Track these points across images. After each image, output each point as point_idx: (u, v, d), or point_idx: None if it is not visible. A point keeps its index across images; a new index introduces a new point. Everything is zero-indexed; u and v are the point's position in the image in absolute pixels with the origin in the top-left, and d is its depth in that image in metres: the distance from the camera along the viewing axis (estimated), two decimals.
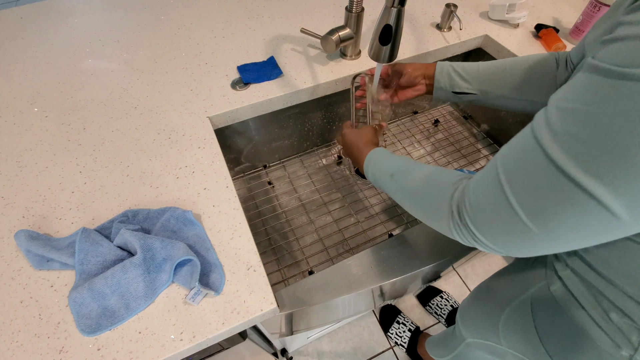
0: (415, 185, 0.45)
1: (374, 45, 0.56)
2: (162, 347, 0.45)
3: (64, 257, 0.50)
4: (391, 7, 0.50)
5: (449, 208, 0.36)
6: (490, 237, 0.32)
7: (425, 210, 0.42)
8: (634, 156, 0.23)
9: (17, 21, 0.93)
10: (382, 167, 0.53)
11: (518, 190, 0.29)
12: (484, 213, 0.32)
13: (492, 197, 0.31)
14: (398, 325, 1.22)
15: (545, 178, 0.27)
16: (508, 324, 0.58)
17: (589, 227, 0.27)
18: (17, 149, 0.65)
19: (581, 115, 0.25)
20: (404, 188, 0.47)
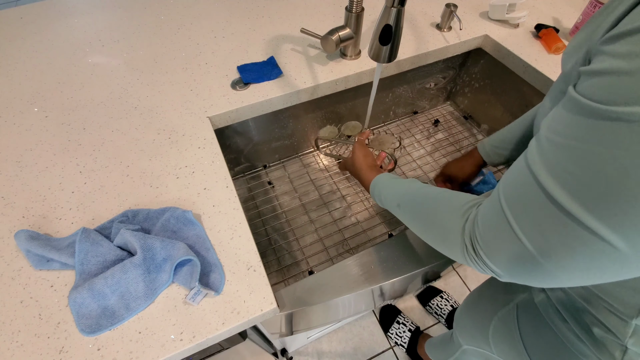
0: (424, 216, 0.43)
1: (374, 45, 0.56)
2: (162, 347, 0.45)
3: (64, 257, 0.50)
4: (391, 7, 0.50)
5: (462, 241, 0.35)
6: (505, 270, 0.32)
7: (438, 242, 0.41)
8: (633, 196, 0.22)
9: (17, 21, 0.93)
10: (387, 195, 0.52)
11: (524, 225, 0.28)
12: (495, 247, 0.31)
13: (501, 231, 0.30)
14: (398, 326, 1.22)
15: (548, 214, 0.26)
16: (496, 333, 0.59)
17: (601, 266, 0.26)
18: (17, 149, 0.65)
19: (574, 152, 0.25)
20: (413, 218, 0.46)
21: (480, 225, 0.33)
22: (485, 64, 0.98)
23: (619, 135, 0.22)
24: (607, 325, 0.39)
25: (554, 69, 0.80)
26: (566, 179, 0.25)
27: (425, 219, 0.43)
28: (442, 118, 1.13)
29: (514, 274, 0.31)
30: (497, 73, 0.95)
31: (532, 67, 0.81)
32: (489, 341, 0.61)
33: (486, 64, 0.98)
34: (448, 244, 0.38)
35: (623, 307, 0.37)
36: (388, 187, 0.53)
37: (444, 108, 1.16)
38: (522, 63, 0.83)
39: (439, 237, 0.40)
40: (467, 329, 0.71)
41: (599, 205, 0.24)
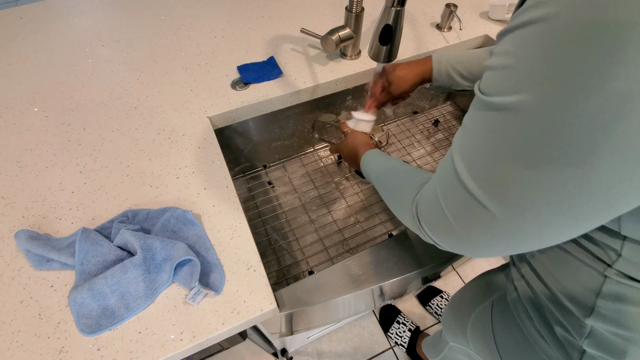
0: (390, 189, 0.47)
1: (374, 45, 0.56)
2: (162, 347, 0.45)
3: (64, 257, 0.50)
4: (391, 7, 0.50)
5: (412, 215, 0.39)
6: (438, 238, 0.36)
7: (398, 214, 0.45)
8: (507, 171, 0.26)
9: (17, 21, 0.93)
10: (371, 168, 0.54)
11: (447, 200, 0.32)
12: (431, 220, 0.36)
13: (434, 206, 0.34)
14: (398, 325, 1.22)
15: (457, 191, 0.30)
16: (473, 330, 0.60)
17: (484, 231, 0.30)
18: (17, 149, 0.65)
19: (471, 136, 0.29)
20: (382, 190, 0.49)
21: (422, 203, 0.37)
22: None
23: (494, 120, 0.26)
24: (566, 325, 0.40)
25: None
26: (468, 159, 0.29)
27: (391, 191, 0.46)
28: (442, 118, 1.13)
29: (442, 240, 0.36)
30: None
31: None
32: (467, 338, 0.62)
33: None
34: (405, 218, 0.42)
35: (578, 306, 0.37)
36: (373, 161, 0.55)
37: (443, 108, 1.16)
38: None
39: (400, 211, 0.44)
40: (451, 327, 0.72)
41: (485, 179, 0.28)
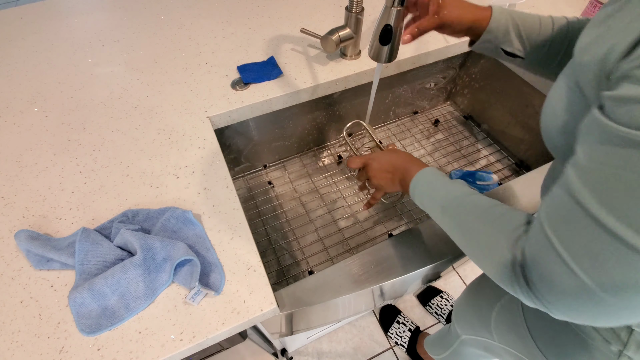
0: (470, 230, 0.39)
1: (374, 45, 0.56)
2: (162, 347, 0.45)
3: (64, 257, 0.50)
4: (391, 7, 0.50)
5: (511, 272, 0.33)
6: (563, 308, 0.29)
7: (484, 264, 0.37)
8: None
9: (17, 21, 0.93)
10: (431, 194, 0.47)
11: (579, 258, 0.26)
12: (549, 283, 0.29)
13: (553, 266, 0.28)
14: (398, 325, 1.22)
15: (604, 245, 0.25)
16: (499, 320, 0.58)
17: None
18: (17, 148, 0.65)
19: (621, 181, 0.24)
20: (457, 228, 0.41)
21: (529, 260, 0.31)
22: (485, 64, 0.98)
23: None
24: None
25: None
26: (619, 208, 0.24)
27: (471, 233, 0.39)
28: (442, 118, 1.13)
29: (573, 311, 0.29)
30: (497, 73, 0.95)
31: None
32: (491, 329, 0.60)
33: (486, 64, 0.98)
34: (495, 270, 0.35)
35: None
36: (433, 185, 0.47)
37: (444, 108, 1.16)
38: None
39: (486, 260, 0.37)
40: (467, 319, 0.70)
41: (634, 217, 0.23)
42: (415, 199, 0.50)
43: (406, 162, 0.53)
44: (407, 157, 0.54)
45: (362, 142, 0.80)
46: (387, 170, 0.55)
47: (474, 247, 0.39)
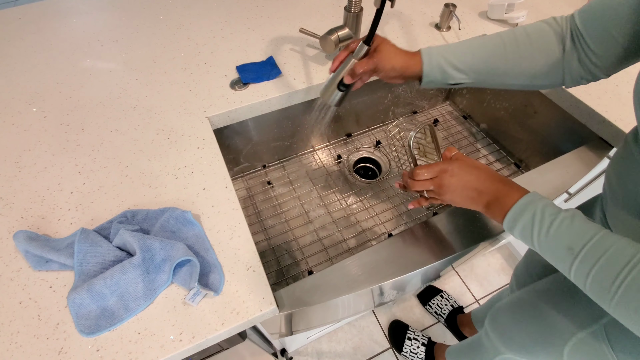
0: (620, 277, 0.33)
1: (333, 92, 0.60)
2: (162, 347, 0.45)
3: (62, 257, 0.50)
4: (356, 60, 0.56)
5: None
6: None
7: None
8: None
9: (16, 21, 0.93)
10: (554, 228, 0.39)
11: None
12: None
13: None
14: (410, 342, 1.19)
15: None
16: (576, 353, 0.53)
17: None
18: (16, 149, 0.65)
19: None
20: (596, 276, 0.35)
21: None
22: None
23: None
24: None
25: None
26: None
27: (623, 289, 0.33)
28: (442, 118, 1.13)
29: None
30: None
31: None
32: (563, 358, 0.55)
33: None
34: None
35: None
36: (552, 214, 0.39)
37: (443, 108, 1.16)
38: None
39: None
40: (522, 342, 0.65)
41: None
42: (515, 231, 0.42)
43: (498, 182, 0.45)
44: (496, 174, 0.47)
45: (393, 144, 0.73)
46: (471, 188, 0.47)
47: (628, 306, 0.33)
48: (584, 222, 0.38)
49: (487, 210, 0.46)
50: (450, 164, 0.49)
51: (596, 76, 0.49)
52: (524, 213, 0.41)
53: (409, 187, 0.53)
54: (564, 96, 0.78)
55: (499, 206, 0.44)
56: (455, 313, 1.24)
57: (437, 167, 0.50)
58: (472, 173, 0.47)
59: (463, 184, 0.47)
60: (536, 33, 0.52)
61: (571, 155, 0.71)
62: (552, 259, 0.40)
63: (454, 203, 0.50)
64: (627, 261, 0.33)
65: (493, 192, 0.45)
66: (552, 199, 0.65)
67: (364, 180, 0.95)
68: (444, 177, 0.49)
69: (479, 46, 0.54)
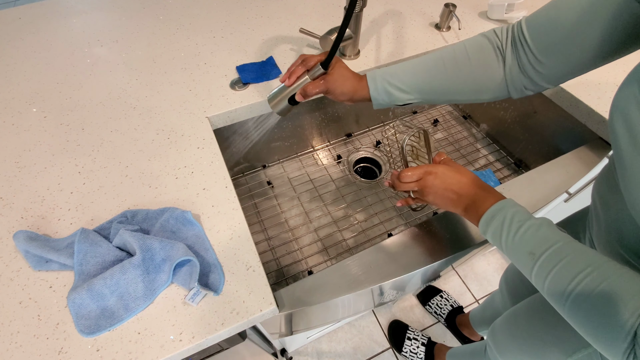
0: (571, 285, 0.35)
1: (284, 105, 0.61)
2: (162, 347, 0.45)
3: (62, 257, 0.50)
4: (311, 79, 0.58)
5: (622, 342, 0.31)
6: None
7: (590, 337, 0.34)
8: None
9: (16, 21, 0.93)
10: (520, 234, 0.41)
11: None
12: None
13: None
14: (410, 342, 1.19)
15: None
16: None
17: None
18: (16, 149, 0.65)
19: None
20: (551, 282, 0.37)
21: None
22: None
23: None
24: None
25: None
26: None
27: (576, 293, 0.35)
28: (442, 118, 1.13)
29: None
30: None
31: None
32: None
33: None
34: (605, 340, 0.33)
35: None
36: (517, 225, 0.41)
37: (443, 108, 1.16)
38: None
39: (599, 330, 0.33)
40: (520, 357, 0.66)
41: None
42: (488, 234, 0.44)
43: (477, 188, 0.47)
44: (478, 180, 0.49)
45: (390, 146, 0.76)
46: (452, 191, 0.49)
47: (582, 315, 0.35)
48: (550, 230, 0.40)
49: (465, 213, 0.48)
50: (436, 167, 0.50)
51: (541, 86, 0.49)
52: (496, 217, 0.43)
53: (396, 187, 0.55)
54: (563, 96, 0.78)
55: (475, 210, 0.46)
56: (455, 313, 1.24)
57: (422, 170, 0.51)
58: (454, 177, 0.49)
59: (445, 186, 0.49)
60: (474, 48, 0.52)
61: (571, 155, 0.71)
62: (517, 263, 0.42)
63: (435, 204, 0.52)
64: (577, 272, 0.35)
65: (472, 196, 0.47)
66: (552, 199, 0.65)
67: (364, 180, 0.95)
68: (427, 178, 0.50)
69: (421, 67, 0.55)
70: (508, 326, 0.70)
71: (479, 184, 0.48)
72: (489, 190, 0.47)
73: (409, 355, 1.18)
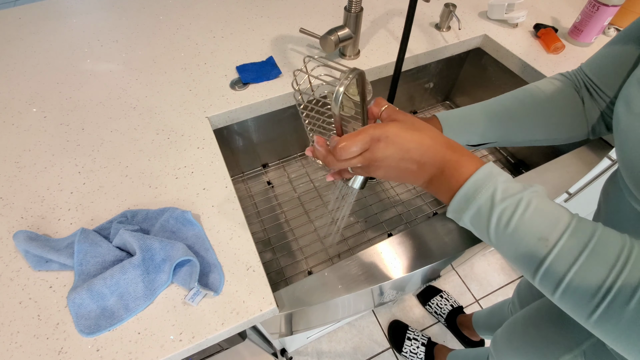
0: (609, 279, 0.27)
1: None
2: (162, 347, 0.45)
3: (62, 257, 0.50)
4: None
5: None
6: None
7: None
8: None
9: (16, 21, 0.93)
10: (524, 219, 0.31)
11: None
12: None
13: None
14: (410, 342, 1.19)
15: None
16: None
17: None
18: (16, 149, 0.65)
19: None
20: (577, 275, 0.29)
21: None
22: (484, 63, 0.98)
23: None
24: None
25: (552, 68, 0.80)
26: None
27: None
28: None
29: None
30: (496, 73, 0.95)
31: (531, 66, 0.81)
32: None
33: (485, 63, 0.98)
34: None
35: None
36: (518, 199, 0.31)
37: (443, 108, 1.16)
38: (521, 63, 0.83)
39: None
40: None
41: None
42: (466, 215, 0.33)
43: (446, 149, 0.34)
44: (443, 138, 0.35)
45: None
46: (411, 160, 0.35)
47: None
48: (554, 205, 0.31)
49: (429, 185, 0.36)
50: (385, 129, 0.35)
51: None
52: (480, 191, 0.32)
53: (328, 164, 0.38)
54: None
55: (445, 181, 0.34)
56: (455, 313, 1.24)
57: (366, 136, 0.35)
58: (412, 140, 0.34)
59: (402, 155, 0.35)
60: (549, 89, 0.51)
61: (571, 155, 0.71)
62: (516, 253, 0.31)
63: (388, 179, 0.38)
64: (614, 260, 0.27)
65: (439, 163, 0.34)
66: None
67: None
68: (376, 148, 0.35)
69: (498, 113, 0.52)
70: (507, 335, 0.70)
71: (446, 143, 0.35)
72: (461, 151, 0.34)
73: (409, 355, 1.18)
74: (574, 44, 0.85)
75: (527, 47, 0.85)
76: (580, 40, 0.84)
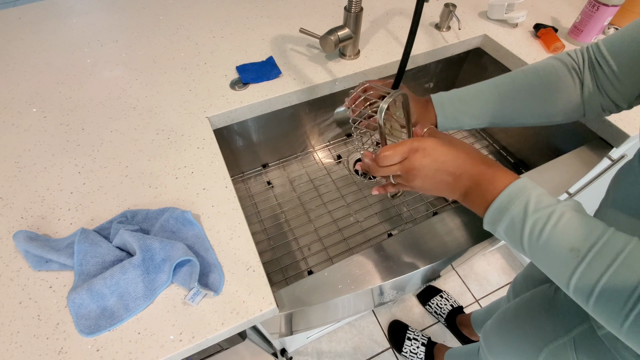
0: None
1: None
2: (162, 347, 0.45)
3: (62, 257, 0.50)
4: None
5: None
6: None
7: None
8: None
9: (16, 21, 0.93)
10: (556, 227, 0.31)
11: None
12: None
13: None
14: (410, 342, 1.19)
15: None
16: None
17: None
18: (16, 149, 0.65)
19: None
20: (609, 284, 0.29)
21: None
22: (484, 63, 0.98)
23: None
24: None
25: None
26: None
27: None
28: None
29: None
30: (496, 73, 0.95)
31: None
32: None
33: (485, 63, 0.98)
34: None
35: None
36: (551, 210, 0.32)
37: None
38: (521, 63, 0.83)
39: None
40: (502, 354, 0.66)
41: None
42: (500, 226, 0.35)
43: (480, 164, 0.37)
44: (478, 154, 0.38)
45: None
46: (446, 171, 0.38)
47: None
48: (587, 217, 0.32)
49: (464, 198, 0.38)
50: (422, 142, 0.39)
51: (618, 106, 0.49)
52: (514, 203, 0.33)
53: (372, 172, 0.43)
54: None
55: (481, 194, 0.36)
56: (455, 313, 1.24)
57: (406, 146, 0.39)
58: (448, 153, 0.38)
59: (437, 166, 0.38)
60: (547, 71, 0.51)
61: (571, 155, 0.71)
62: (548, 262, 0.33)
63: (424, 190, 0.41)
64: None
65: (474, 176, 0.37)
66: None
67: (364, 180, 0.95)
68: (414, 158, 0.39)
69: (491, 92, 0.53)
70: (497, 325, 0.70)
71: (482, 159, 0.38)
72: (497, 166, 0.37)
73: (409, 355, 1.18)
74: (574, 43, 0.85)
75: (527, 47, 0.85)
76: (580, 40, 0.84)
